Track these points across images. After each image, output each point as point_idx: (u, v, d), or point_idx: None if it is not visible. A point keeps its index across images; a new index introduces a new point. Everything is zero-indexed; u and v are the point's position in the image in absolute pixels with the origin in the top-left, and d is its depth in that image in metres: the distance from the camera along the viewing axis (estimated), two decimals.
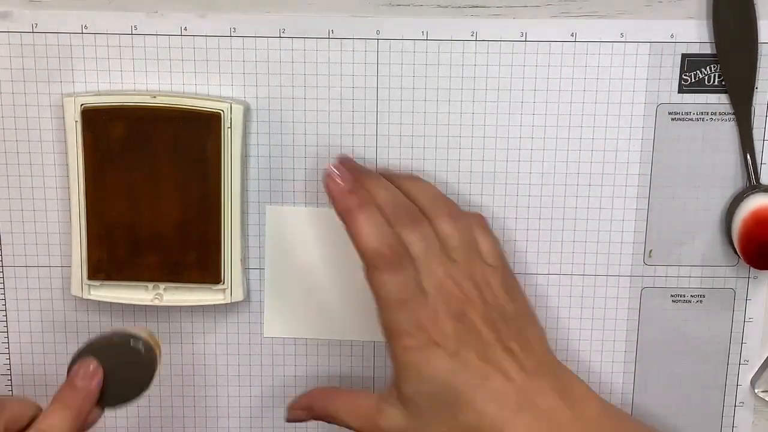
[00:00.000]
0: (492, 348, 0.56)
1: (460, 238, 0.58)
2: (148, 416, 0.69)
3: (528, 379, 0.56)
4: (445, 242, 0.58)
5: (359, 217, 0.56)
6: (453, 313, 0.56)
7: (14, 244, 0.66)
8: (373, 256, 0.56)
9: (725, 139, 0.64)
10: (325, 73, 0.64)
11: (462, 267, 0.58)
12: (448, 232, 0.58)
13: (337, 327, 0.68)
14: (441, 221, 0.58)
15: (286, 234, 0.66)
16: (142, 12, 0.62)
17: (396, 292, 0.56)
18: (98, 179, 0.63)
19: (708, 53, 0.63)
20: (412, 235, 0.57)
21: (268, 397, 0.69)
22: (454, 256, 0.58)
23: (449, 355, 0.56)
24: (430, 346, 0.56)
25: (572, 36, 0.63)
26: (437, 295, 0.56)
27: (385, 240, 0.56)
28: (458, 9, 0.62)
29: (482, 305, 0.57)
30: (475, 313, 0.57)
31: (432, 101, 0.64)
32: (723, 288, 0.67)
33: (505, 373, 0.56)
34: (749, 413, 0.69)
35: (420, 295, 0.56)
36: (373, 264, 0.56)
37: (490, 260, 0.59)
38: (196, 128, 0.62)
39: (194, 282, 0.65)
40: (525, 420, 0.55)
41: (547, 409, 0.56)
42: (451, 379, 0.55)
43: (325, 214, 0.66)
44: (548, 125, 0.64)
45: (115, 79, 0.63)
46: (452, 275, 0.57)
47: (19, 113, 0.64)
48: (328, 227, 0.66)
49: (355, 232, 0.56)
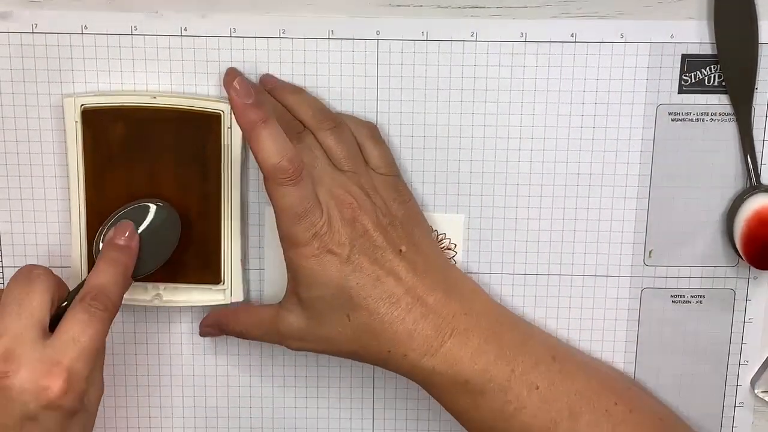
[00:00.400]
0: (382, 251, 0.60)
1: (345, 148, 0.61)
2: (148, 417, 0.69)
3: (417, 278, 0.60)
4: (331, 153, 0.61)
5: (263, 132, 0.57)
6: (345, 220, 0.59)
7: (14, 245, 0.66)
8: (276, 171, 0.57)
9: (725, 139, 0.64)
10: (325, 73, 0.63)
11: (349, 175, 0.60)
12: (331, 144, 0.61)
13: None
14: (324, 134, 0.61)
15: None
16: (142, 12, 0.62)
17: (295, 205, 0.57)
18: (98, 179, 0.63)
19: (708, 53, 0.63)
20: (299, 147, 0.60)
21: (268, 397, 0.69)
22: (341, 166, 0.61)
23: (342, 260, 0.59)
24: (325, 253, 0.58)
25: (572, 36, 0.63)
26: (329, 203, 0.59)
27: (285, 154, 0.57)
28: (458, 9, 0.62)
29: (372, 211, 0.60)
30: (366, 218, 0.60)
31: (432, 101, 0.64)
32: (723, 288, 0.67)
33: (395, 275, 0.60)
34: (749, 413, 0.69)
35: (317, 207, 0.58)
36: (273, 178, 0.57)
37: (380, 168, 0.62)
38: (196, 129, 0.62)
39: (194, 282, 0.65)
40: (413, 316, 0.59)
41: (434, 305, 0.60)
42: (345, 283, 0.59)
43: None
44: (548, 125, 0.64)
45: (115, 80, 0.63)
46: (341, 184, 0.60)
47: (19, 113, 0.64)
48: None
49: (258, 147, 0.57)
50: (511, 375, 0.60)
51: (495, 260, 0.66)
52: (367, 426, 0.70)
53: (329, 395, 0.69)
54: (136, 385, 0.69)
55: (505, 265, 0.66)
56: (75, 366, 0.55)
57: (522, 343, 0.62)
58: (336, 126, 0.61)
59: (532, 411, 0.60)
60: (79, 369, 0.55)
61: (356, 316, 0.59)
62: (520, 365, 0.61)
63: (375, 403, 0.69)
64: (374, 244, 0.59)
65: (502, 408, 0.60)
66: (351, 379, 0.69)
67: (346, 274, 0.59)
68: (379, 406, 0.69)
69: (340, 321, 0.60)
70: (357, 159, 0.61)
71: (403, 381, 0.62)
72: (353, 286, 0.59)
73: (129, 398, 0.69)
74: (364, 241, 0.59)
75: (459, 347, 0.60)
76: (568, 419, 0.60)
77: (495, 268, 0.67)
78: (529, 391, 0.60)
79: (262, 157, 0.57)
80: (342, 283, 0.59)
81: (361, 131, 0.63)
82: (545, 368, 0.61)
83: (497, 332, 0.61)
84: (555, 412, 0.60)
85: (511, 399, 0.60)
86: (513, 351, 0.61)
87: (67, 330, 0.56)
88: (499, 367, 0.60)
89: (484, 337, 0.60)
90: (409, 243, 0.61)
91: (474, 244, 0.66)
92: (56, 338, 0.56)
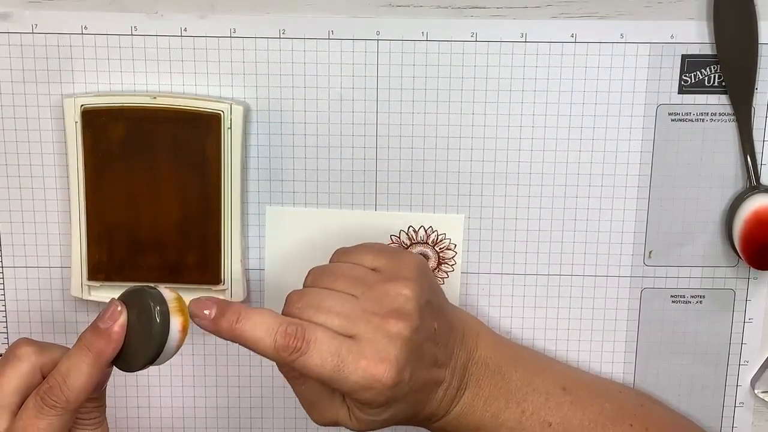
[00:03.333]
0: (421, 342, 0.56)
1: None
2: (148, 417, 0.70)
3: (440, 349, 0.58)
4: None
5: (241, 328, 0.54)
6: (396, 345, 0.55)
7: (14, 245, 0.66)
8: (277, 353, 0.54)
9: (725, 139, 0.64)
10: (325, 73, 0.63)
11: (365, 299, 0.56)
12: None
13: None
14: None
15: (286, 234, 0.66)
16: (142, 13, 0.62)
17: (321, 367, 0.54)
18: (98, 180, 0.63)
19: (708, 54, 0.63)
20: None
21: (268, 397, 0.69)
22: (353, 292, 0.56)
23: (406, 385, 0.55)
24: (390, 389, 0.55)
25: (572, 37, 0.63)
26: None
27: (274, 332, 0.54)
28: (458, 10, 0.62)
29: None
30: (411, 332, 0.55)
31: (432, 101, 0.64)
32: (723, 288, 0.67)
33: (436, 363, 0.58)
34: (749, 413, 0.69)
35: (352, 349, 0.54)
36: (282, 360, 0.54)
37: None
38: (196, 129, 0.62)
39: (194, 283, 0.65)
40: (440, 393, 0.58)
41: (453, 368, 0.59)
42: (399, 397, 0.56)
43: (325, 214, 0.66)
44: (548, 125, 0.64)
45: (115, 80, 0.63)
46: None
47: (19, 114, 0.64)
48: (328, 227, 0.66)
49: (247, 345, 0.54)
50: (521, 416, 0.60)
51: (495, 260, 0.66)
52: None
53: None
54: (136, 385, 0.69)
55: (505, 265, 0.66)
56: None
57: (530, 381, 0.61)
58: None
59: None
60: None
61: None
62: (530, 405, 0.60)
63: None
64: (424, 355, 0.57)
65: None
66: None
67: (405, 392, 0.56)
68: None
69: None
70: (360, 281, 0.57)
71: None
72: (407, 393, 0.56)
73: (129, 398, 0.69)
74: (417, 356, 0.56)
75: (471, 399, 0.60)
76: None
77: (495, 268, 0.67)
78: (542, 429, 0.60)
79: (258, 350, 0.54)
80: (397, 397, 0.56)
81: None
82: (555, 403, 0.61)
83: (505, 374, 0.61)
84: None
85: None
86: (522, 391, 0.61)
87: (17, 421, 0.53)
88: (510, 411, 0.60)
89: (494, 383, 0.60)
90: (435, 313, 0.58)
91: (474, 244, 0.66)
92: (11, 429, 0.53)
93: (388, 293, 0.56)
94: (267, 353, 0.54)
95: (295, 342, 0.53)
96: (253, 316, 0.54)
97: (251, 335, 0.54)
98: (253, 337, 0.54)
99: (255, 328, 0.54)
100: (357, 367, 0.54)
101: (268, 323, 0.54)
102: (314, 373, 0.54)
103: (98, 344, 0.53)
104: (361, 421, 0.57)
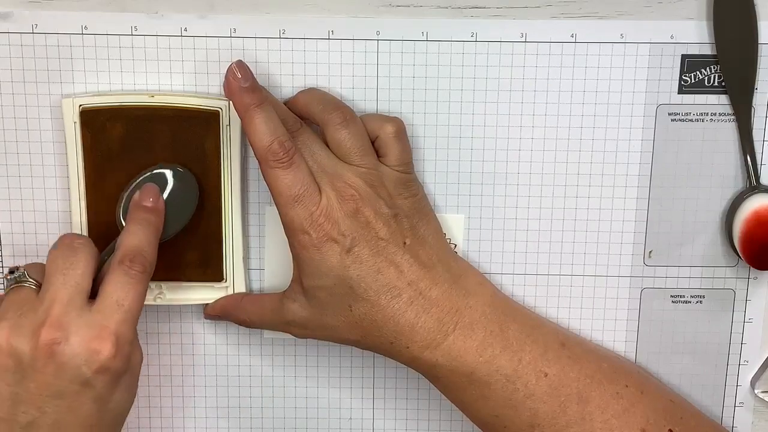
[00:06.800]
0: (385, 243, 0.60)
1: (354, 142, 0.61)
2: (148, 417, 0.70)
3: (421, 271, 0.61)
4: (340, 147, 0.61)
5: (256, 115, 0.58)
6: (347, 211, 0.59)
7: (14, 245, 0.66)
8: (267, 153, 0.58)
9: (725, 139, 0.64)
10: (325, 73, 0.64)
11: (355, 168, 0.60)
12: (340, 138, 0.61)
13: None
14: (334, 129, 0.61)
15: None
16: (142, 13, 0.62)
17: (288, 188, 0.58)
18: (98, 179, 0.63)
19: (708, 54, 0.63)
20: (297, 140, 0.60)
21: (269, 397, 0.69)
22: (350, 160, 0.60)
23: (343, 251, 0.59)
24: (326, 242, 0.59)
25: (572, 37, 0.63)
26: (330, 194, 0.59)
27: (277, 137, 0.58)
28: (458, 9, 0.62)
29: (375, 203, 0.60)
30: (369, 209, 0.60)
31: (432, 101, 0.64)
32: (723, 288, 0.67)
33: (397, 267, 0.60)
34: (749, 413, 0.69)
35: (315, 193, 0.59)
36: (266, 160, 0.58)
37: (394, 165, 0.61)
38: (194, 127, 0.62)
39: (196, 280, 0.65)
40: (415, 309, 0.60)
41: (437, 298, 0.60)
42: (345, 273, 0.59)
43: None
44: (548, 125, 0.64)
45: (115, 80, 0.63)
46: (344, 176, 0.60)
47: (19, 113, 0.64)
48: None
49: (250, 130, 0.59)
50: (518, 364, 0.60)
51: (495, 260, 0.66)
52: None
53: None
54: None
55: (505, 265, 0.67)
56: (121, 329, 0.57)
57: (529, 333, 0.62)
58: (345, 120, 0.61)
59: (540, 397, 0.60)
60: (124, 332, 0.57)
61: (358, 307, 0.60)
62: (527, 354, 0.61)
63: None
64: (377, 235, 0.60)
65: (510, 396, 0.60)
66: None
67: (347, 264, 0.59)
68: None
69: (342, 311, 0.60)
70: (366, 153, 0.61)
71: (404, 367, 0.62)
72: (354, 277, 0.59)
73: None
74: (366, 232, 0.60)
75: (463, 340, 0.60)
76: (577, 403, 0.60)
77: (495, 268, 0.67)
78: (537, 379, 0.61)
79: (253, 140, 0.58)
80: (343, 274, 0.59)
81: (385, 127, 0.62)
82: (554, 355, 0.62)
83: (503, 324, 0.61)
84: (564, 397, 0.61)
85: (519, 387, 0.60)
86: (520, 341, 0.61)
87: (111, 294, 0.57)
88: (506, 358, 0.60)
89: (489, 330, 0.61)
90: (414, 236, 0.61)
91: (474, 244, 0.66)
92: (100, 303, 0.57)
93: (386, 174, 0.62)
94: (257, 148, 0.59)
95: (282, 154, 0.58)
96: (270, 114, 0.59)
97: (258, 125, 0.59)
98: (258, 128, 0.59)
99: (264, 122, 0.59)
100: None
101: (276, 128, 0.59)
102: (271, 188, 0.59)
103: (152, 218, 0.60)
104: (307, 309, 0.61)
